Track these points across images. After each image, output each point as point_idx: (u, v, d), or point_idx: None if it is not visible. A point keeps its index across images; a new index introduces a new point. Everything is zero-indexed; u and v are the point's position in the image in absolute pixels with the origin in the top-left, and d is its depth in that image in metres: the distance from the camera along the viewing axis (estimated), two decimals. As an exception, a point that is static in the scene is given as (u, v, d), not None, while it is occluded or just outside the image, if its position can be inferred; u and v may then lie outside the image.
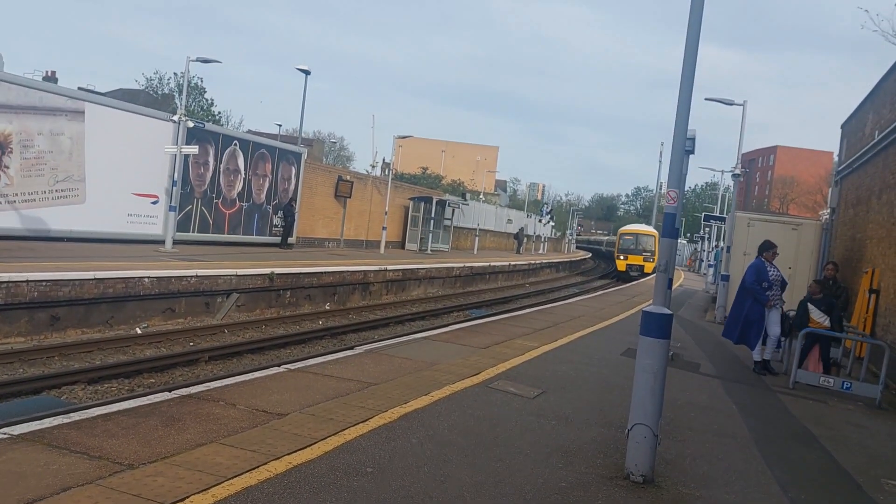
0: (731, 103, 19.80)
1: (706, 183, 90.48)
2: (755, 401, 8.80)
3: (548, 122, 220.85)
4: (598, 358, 10.28)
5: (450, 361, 8.61)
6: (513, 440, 5.75)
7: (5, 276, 10.88)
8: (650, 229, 48.90)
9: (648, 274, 41.90)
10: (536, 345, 10.67)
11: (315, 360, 8.08)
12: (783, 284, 10.80)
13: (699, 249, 55.42)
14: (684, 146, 5.46)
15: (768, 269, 10.62)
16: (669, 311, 5.24)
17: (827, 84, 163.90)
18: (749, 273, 10.58)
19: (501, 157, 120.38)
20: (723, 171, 38.33)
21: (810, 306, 10.50)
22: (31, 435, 4.69)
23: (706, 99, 20.78)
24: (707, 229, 44.82)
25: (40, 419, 5.07)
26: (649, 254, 44.34)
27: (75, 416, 5.16)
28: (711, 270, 32.73)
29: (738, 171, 20.44)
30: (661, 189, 64.56)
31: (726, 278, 17.93)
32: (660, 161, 66.19)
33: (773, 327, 10.62)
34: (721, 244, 28.45)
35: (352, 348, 9.46)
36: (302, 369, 7.46)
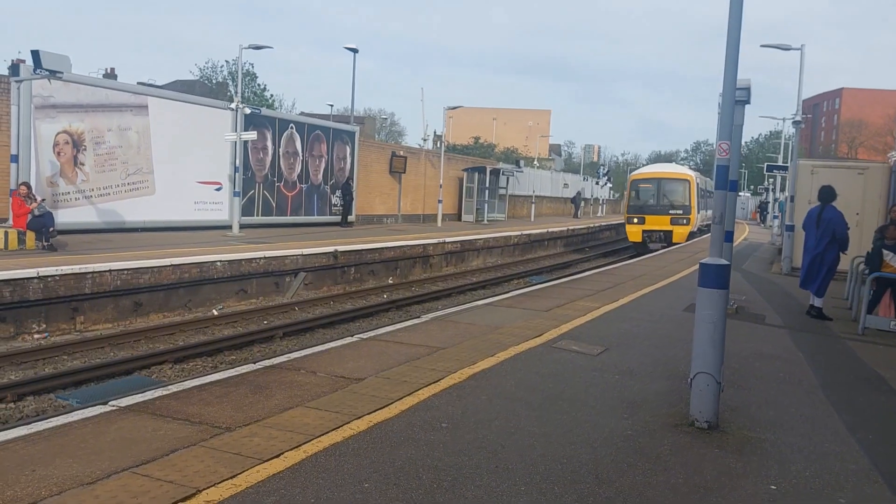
0: (787, 48, 19.15)
1: (770, 132, 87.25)
2: (822, 348, 8.77)
3: (600, 82, 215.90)
4: (661, 315, 10.36)
5: (513, 324, 8.87)
6: (578, 394, 5.98)
7: (90, 267, 11.64)
8: (681, 170, 30.22)
9: (679, 244, 26.39)
10: (598, 305, 10.81)
11: (385, 329, 8.48)
12: None
13: (765, 200, 53.25)
14: (734, 96, 5.51)
15: None
16: (726, 262, 5.34)
17: (891, 19, 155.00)
18: (841, 223, 10.36)
19: (554, 121, 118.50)
20: (784, 119, 36.93)
21: (885, 251, 10.21)
22: (136, 406, 5.17)
23: (762, 46, 20.08)
24: (771, 180, 43.07)
25: (143, 392, 5.56)
26: (680, 212, 26.76)
27: (173, 388, 5.65)
28: (777, 222, 31.79)
29: (798, 118, 19.88)
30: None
31: (791, 228, 17.58)
32: (718, 114, 63.88)
33: None
34: (783, 194, 27.62)
35: (418, 317, 9.81)
36: (374, 338, 7.85)
